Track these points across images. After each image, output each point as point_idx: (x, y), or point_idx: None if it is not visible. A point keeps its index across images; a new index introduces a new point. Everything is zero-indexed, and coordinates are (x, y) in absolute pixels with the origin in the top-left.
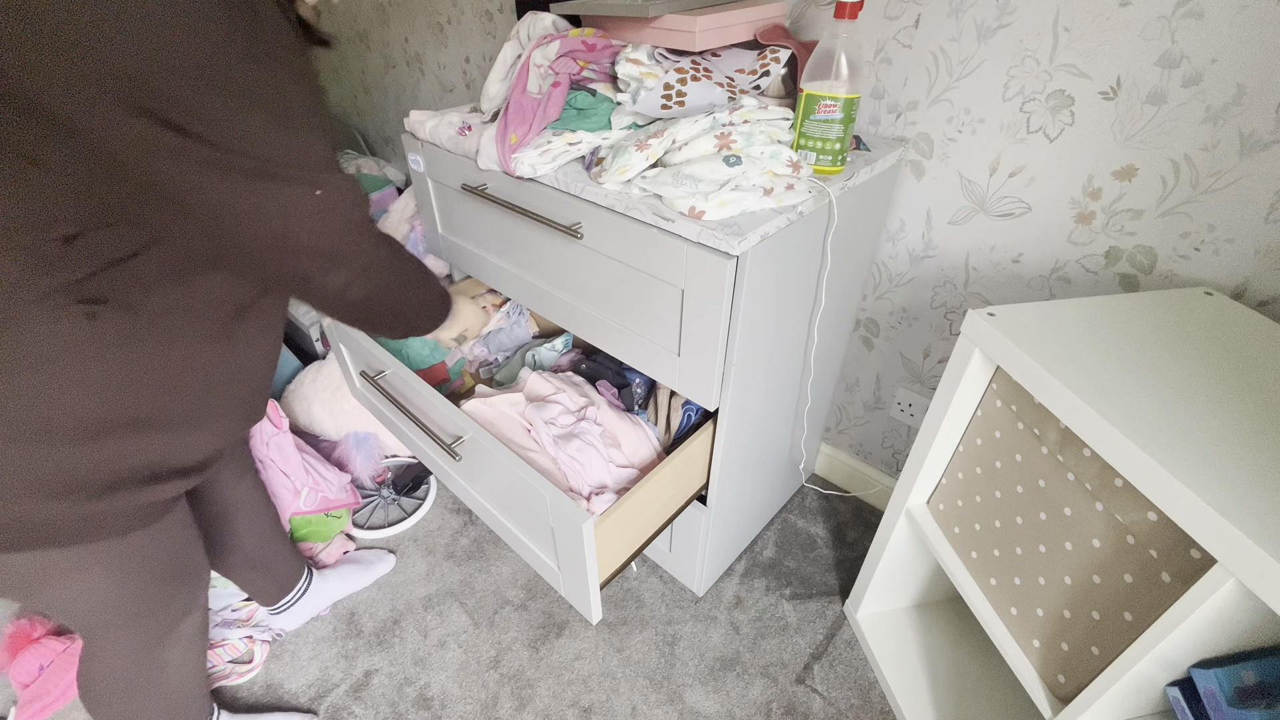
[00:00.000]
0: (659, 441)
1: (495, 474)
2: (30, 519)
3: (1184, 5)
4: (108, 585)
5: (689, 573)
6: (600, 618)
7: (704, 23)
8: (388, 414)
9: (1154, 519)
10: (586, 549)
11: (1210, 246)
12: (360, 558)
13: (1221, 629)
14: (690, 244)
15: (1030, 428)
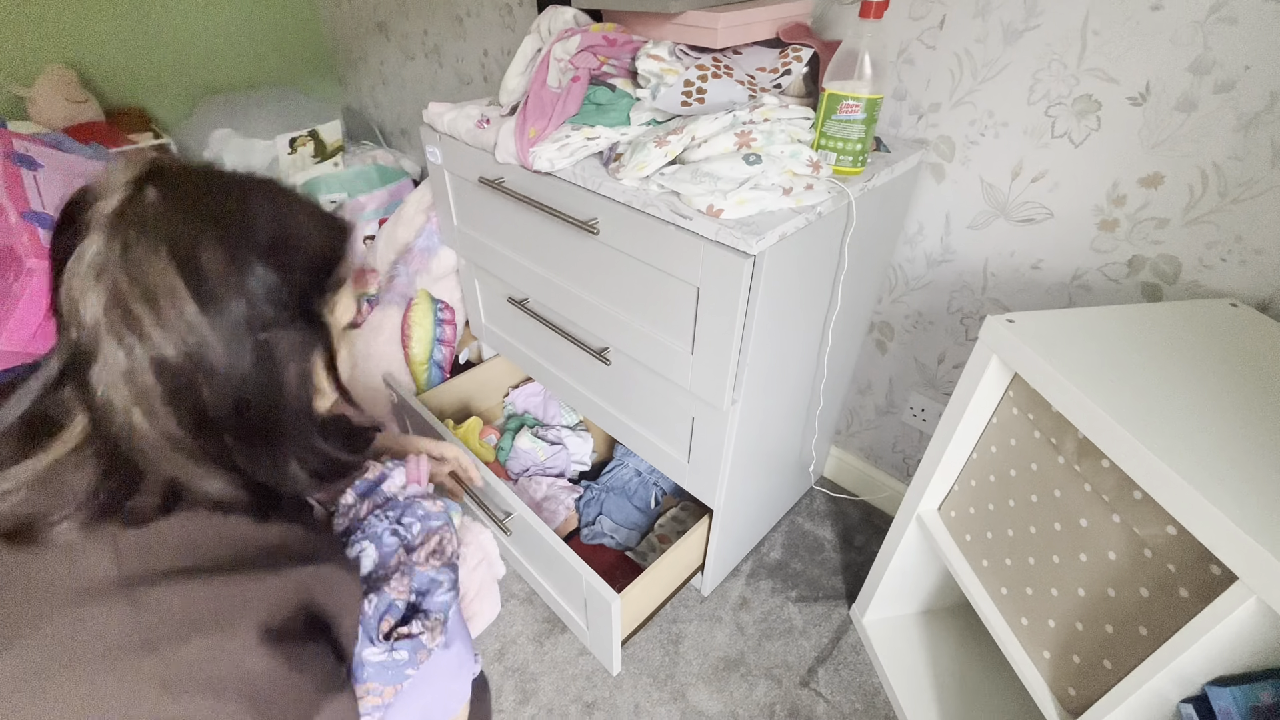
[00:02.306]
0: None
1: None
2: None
3: (1218, 10)
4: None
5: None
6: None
7: (726, 20)
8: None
9: (1173, 533)
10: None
11: (1237, 257)
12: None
13: (1240, 647)
14: (707, 242)
15: (1047, 436)
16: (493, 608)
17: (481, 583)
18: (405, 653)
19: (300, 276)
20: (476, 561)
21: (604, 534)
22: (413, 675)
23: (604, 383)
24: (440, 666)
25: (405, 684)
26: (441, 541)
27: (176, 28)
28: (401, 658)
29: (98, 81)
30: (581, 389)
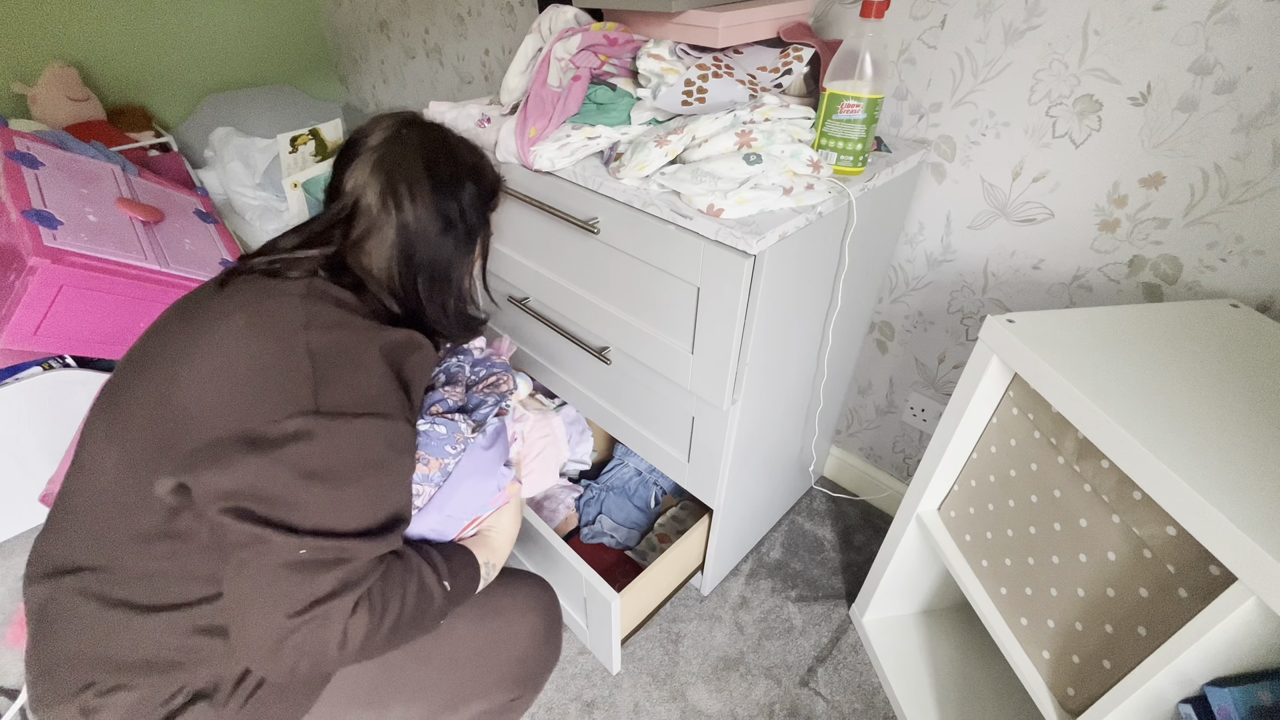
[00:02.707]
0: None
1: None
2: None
3: (1219, 11)
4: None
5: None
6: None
7: (727, 19)
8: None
9: (1173, 533)
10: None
11: (1238, 258)
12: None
13: (1239, 647)
14: (708, 242)
15: (1047, 437)
16: (548, 475)
17: (543, 450)
18: (444, 428)
19: (485, 192)
20: (543, 434)
21: (604, 533)
22: (453, 454)
23: (604, 382)
24: (476, 463)
25: (448, 463)
26: (496, 380)
27: (178, 26)
28: (440, 431)
29: (99, 80)
30: (582, 388)
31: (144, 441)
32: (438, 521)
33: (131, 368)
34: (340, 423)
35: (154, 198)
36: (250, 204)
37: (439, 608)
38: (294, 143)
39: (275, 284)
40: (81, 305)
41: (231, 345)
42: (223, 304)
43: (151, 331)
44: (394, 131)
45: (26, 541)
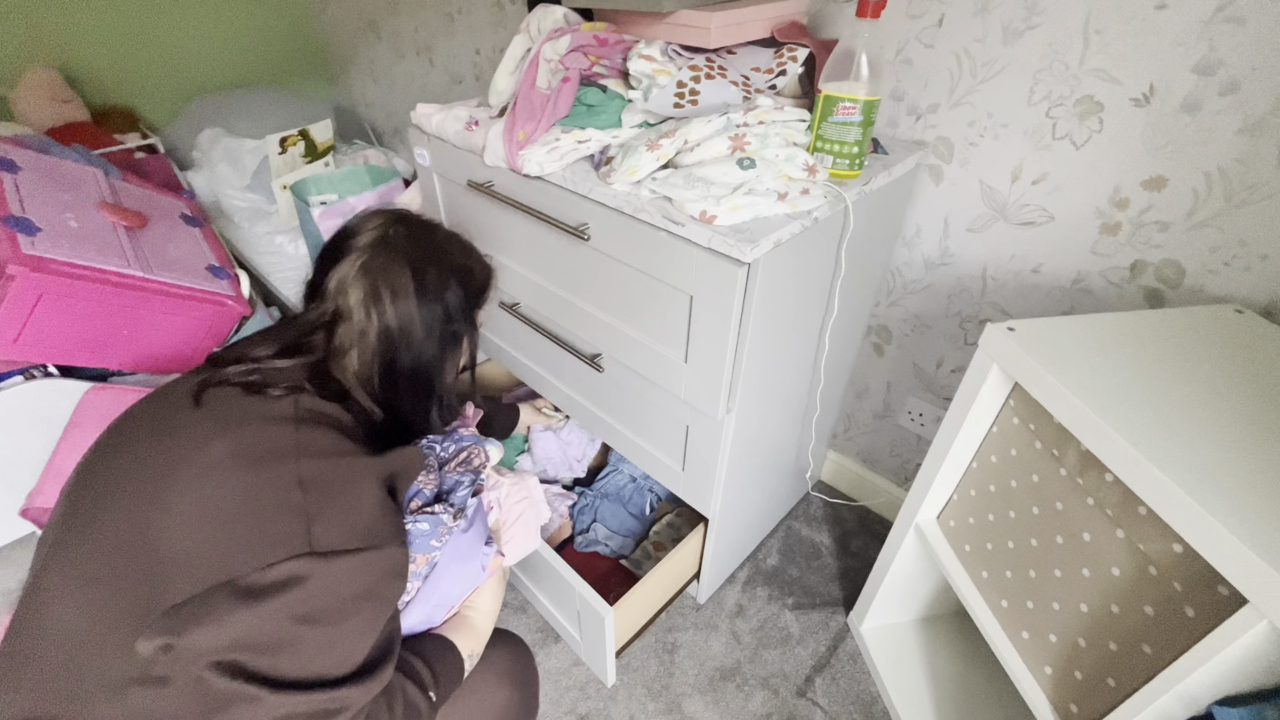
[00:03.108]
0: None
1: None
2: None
3: (1224, 10)
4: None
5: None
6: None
7: (720, 19)
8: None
9: (1179, 551)
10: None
11: (1242, 262)
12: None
13: (1249, 668)
14: (700, 249)
15: (1049, 448)
16: (529, 539)
17: (521, 514)
18: (426, 524)
19: (472, 295)
20: (520, 497)
21: (598, 541)
22: (438, 548)
23: (597, 389)
24: (459, 548)
25: (433, 555)
26: (469, 455)
27: (165, 26)
28: (424, 528)
29: (84, 81)
30: (575, 395)
31: (118, 587)
32: (425, 612)
33: (97, 490)
34: (335, 561)
35: (138, 202)
36: (239, 206)
37: (426, 718)
38: (283, 144)
39: (259, 404)
40: (62, 313)
41: (215, 481)
42: (201, 426)
43: (117, 445)
44: (382, 232)
45: (8, 555)
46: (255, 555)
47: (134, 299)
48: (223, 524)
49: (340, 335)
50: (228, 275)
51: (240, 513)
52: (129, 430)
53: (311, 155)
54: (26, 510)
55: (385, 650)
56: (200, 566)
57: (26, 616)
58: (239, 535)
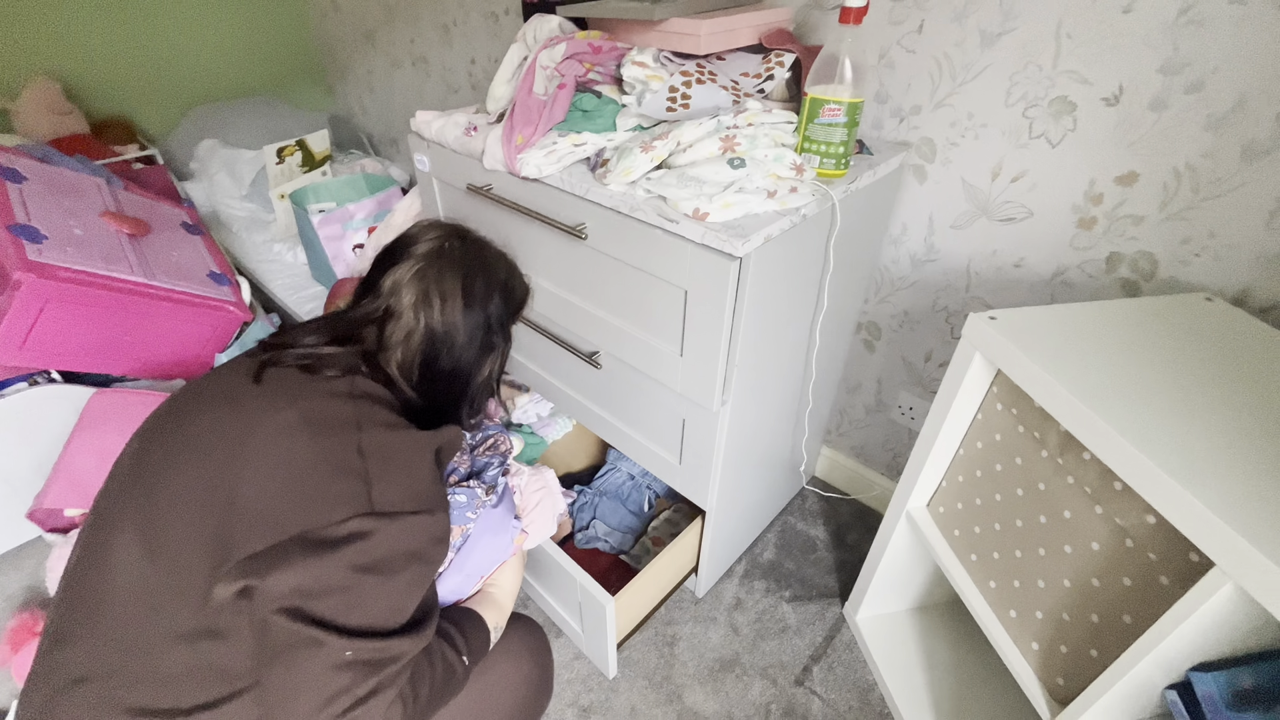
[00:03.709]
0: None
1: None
2: None
3: (1186, 13)
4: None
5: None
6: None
7: (709, 26)
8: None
9: (1152, 522)
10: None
11: (1211, 252)
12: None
13: (1220, 633)
14: (694, 245)
15: (1030, 431)
16: (546, 525)
17: (540, 502)
18: (464, 497)
19: (511, 309)
20: (538, 486)
21: (598, 538)
22: (473, 520)
23: (595, 386)
24: (490, 522)
25: (469, 527)
26: (496, 441)
27: (163, 38)
28: (461, 500)
29: (83, 93)
30: (572, 393)
31: (192, 540)
32: (458, 582)
33: (166, 453)
34: (393, 521)
35: (140, 210)
36: (237, 216)
37: (459, 681)
38: (280, 154)
39: (317, 381)
40: (67, 319)
41: (288, 442)
42: (267, 398)
43: (182, 415)
44: (440, 244)
45: (14, 559)
46: (325, 512)
47: (138, 305)
48: (294, 482)
49: (389, 331)
50: (229, 282)
51: (309, 473)
52: (193, 403)
53: (309, 165)
54: (33, 513)
55: (428, 610)
56: (274, 520)
57: (89, 574)
58: (309, 493)
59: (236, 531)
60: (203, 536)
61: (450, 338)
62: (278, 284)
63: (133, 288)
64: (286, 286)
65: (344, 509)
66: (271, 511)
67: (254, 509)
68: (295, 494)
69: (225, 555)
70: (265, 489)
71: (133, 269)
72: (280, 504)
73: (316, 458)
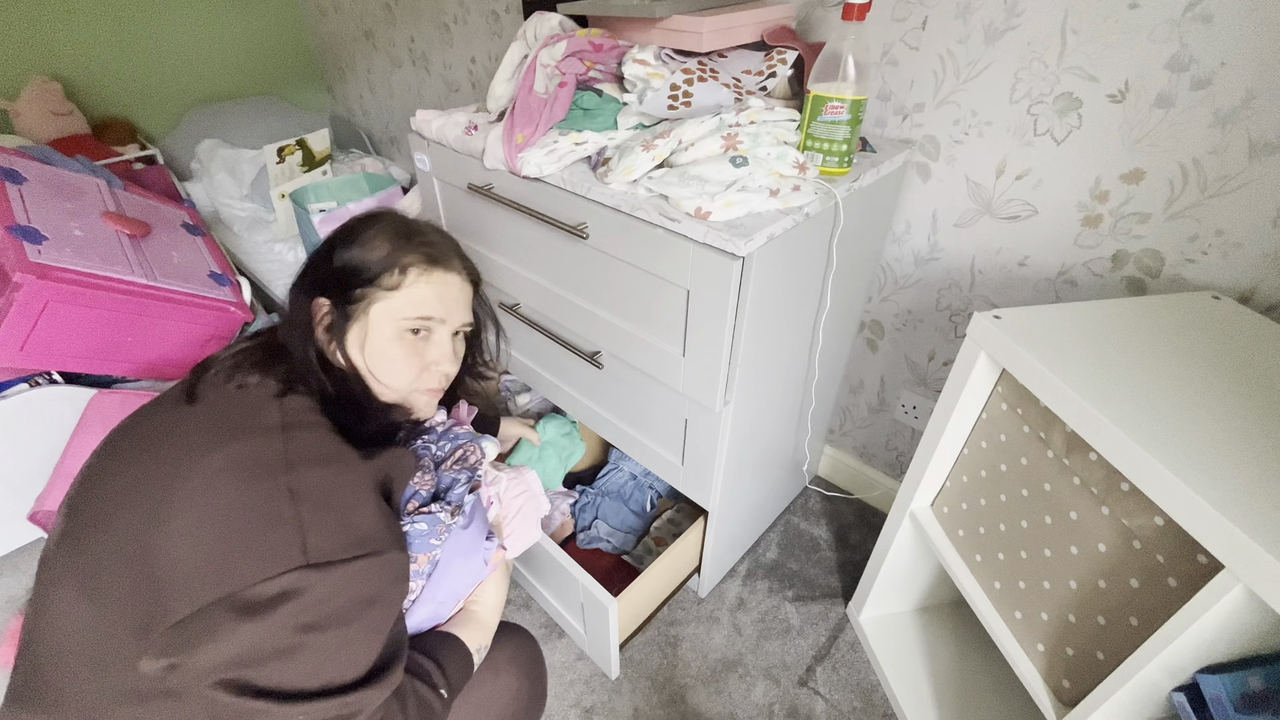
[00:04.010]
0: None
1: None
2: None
3: (1193, 8)
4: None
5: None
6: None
7: (711, 24)
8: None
9: (1160, 523)
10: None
11: (1218, 250)
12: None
13: (1228, 635)
14: (696, 244)
15: (1036, 431)
16: (530, 532)
17: (521, 508)
18: (424, 524)
19: (344, 267)
20: (518, 491)
21: (600, 538)
22: (438, 546)
23: (597, 386)
24: (460, 545)
25: (435, 554)
26: (464, 452)
27: (163, 39)
28: (422, 528)
29: (83, 93)
30: (574, 393)
31: (122, 603)
32: (430, 610)
33: (99, 502)
34: (333, 571)
35: (140, 211)
36: (238, 216)
37: (439, 717)
38: (281, 153)
39: (247, 413)
40: (68, 321)
41: (211, 495)
42: (197, 435)
43: (116, 455)
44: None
45: (16, 560)
46: (252, 570)
47: (138, 306)
48: (219, 539)
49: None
50: (229, 282)
51: (235, 527)
52: (128, 440)
53: (309, 164)
54: (35, 515)
55: (394, 652)
56: (198, 582)
57: (38, 630)
58: (235, 550)
59: (162, 593)
60: (133, 597)
61: (286, 314)
62: (279, 284)
63: (133, 288)
64: (287, 286)
65: (276, 564)
66: (196, 572)
67: (178, 570)
68: (221, 551)
69: (151, 620)
70: (189, 547)
71: (133, 270)
72: (205, 563)
73: (242, 509)
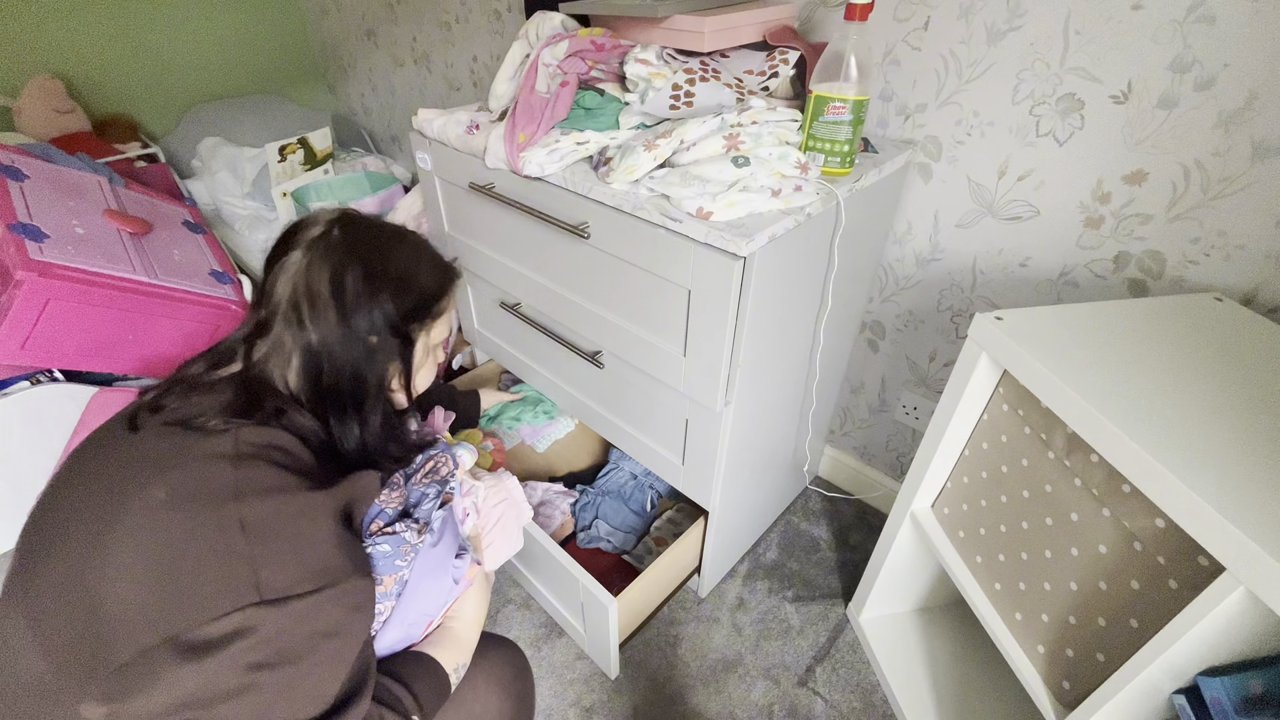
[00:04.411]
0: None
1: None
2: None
3: (1196, 9)
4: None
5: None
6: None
7: (713, 23)
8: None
9: (1161, 525)
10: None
11: (1220, 252)
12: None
13: (1229, 637)
14: (698, 244)
15: (1037, 432)
16: (510, 542)
17: (500, 517)
18: (388, 546)
19: (409, 303)
20: (498, 500)
21: (600, 538)
22: (404, 566)
23: (597, 386)
24: (428, 564)
25: (402, 574)
26: (435, 464)
27: (164, 37)
28: (385, 550)
29: (85, 91)
30: (575, 393)
31: (66, 642)
32: (401, 632)
33: (47, 532)
34: (287, 606)
35: (142, 209)
36: (239, 214)
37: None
38: (282, 152)
39: (193, 440)
40: (69, 318)
41: (153, 529)
42: (139, 466)
43: (67, 482)
44: (321, 231)
45: None
46: (199, 609)
47: (139, 304)
48: (163, 576)
49: (259, 348)
50: (231, 280)
51: (180, 563)
52: (77, 466)
53: (311, 163)
54: None
55: (359, 684)
56: (142, 623)
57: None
58: (180, 587)
59: (103, 634)
60: (76, 636)
61: (327, 350)
62: None
63: (134, 286)
64: None
65: (225, 601)
66: (137, 612)
67: (119, 610)
68: (165, 589)
69: (95, 663)
70: (130, 585)
71: (135, 268)
72: (149, 602)
73: (187, 543)
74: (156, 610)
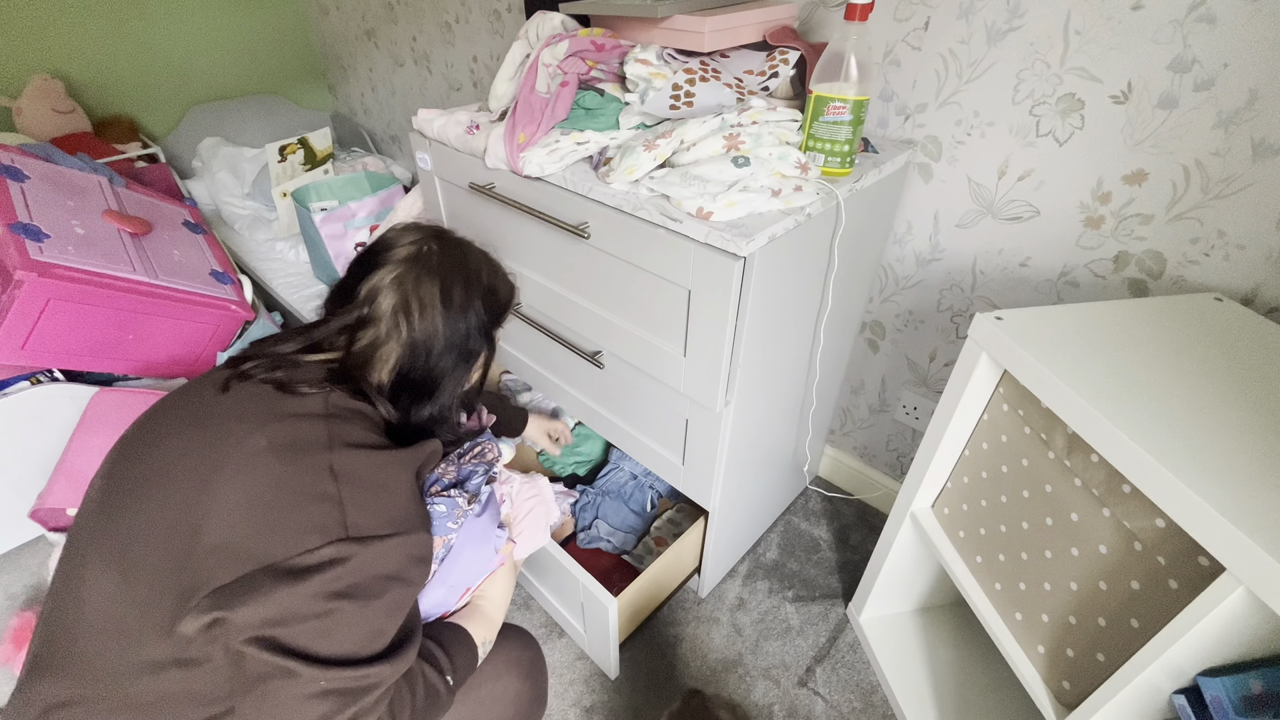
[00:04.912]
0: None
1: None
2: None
3: (1196, 9)
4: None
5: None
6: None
7: (713, 24)
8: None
9: (1162, 525)
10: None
11: (1220, 252)
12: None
13: (1229, 637)
14: (698, 244)
15: (1037, 432)
16: (538, 535)
17: (531, 510)
18: (444, 506)
19: (494, 314)
20: (530, 494)
21: (600, 538)
22: (454, 530)
23: (598, 386)
24: (473, 531)
25: (451, 538)
26: (483, 449)
27: (164, 37)
28: (441, 510)
29: (85, 91)
30: (575, 393)
31: (161, 571)
32: (442, 594)
33: (137, 480)
34: (370, 545)
35: (142, 209)
36: (239, 214)
37: (444, 704)
38: (283, 152)
39: (288, 400)
40: (69, 318)
41: (257, 472)
42: (239, 421)
43: (152, 438)
44: (417, 248)
45: (17, 558)
46: (295, 542)
47: (139, 304)
48: (264, 514)
49: (362, 340)
50: (231, 281)
51: (279, 503)
52: (163, 424)
53: (311, 163)
54: (36, 512)
55: (409, 633)
56: (243, 553)
57: (64, 603)
58: (278, 524)
59: (205, 566)
60: (170, 569)
61: (428, 346)
62: (280, 282)
63: (135, 286)
64: (288, 285)
65: (317, 536)
66: (241, 545)
67: (222, 543)
68: (265, 526)
69: (193, 589)
70: (234, 522)
71: (135, 268)
72: (250, 537)
73: (286, 486)
74: (257, 543)
